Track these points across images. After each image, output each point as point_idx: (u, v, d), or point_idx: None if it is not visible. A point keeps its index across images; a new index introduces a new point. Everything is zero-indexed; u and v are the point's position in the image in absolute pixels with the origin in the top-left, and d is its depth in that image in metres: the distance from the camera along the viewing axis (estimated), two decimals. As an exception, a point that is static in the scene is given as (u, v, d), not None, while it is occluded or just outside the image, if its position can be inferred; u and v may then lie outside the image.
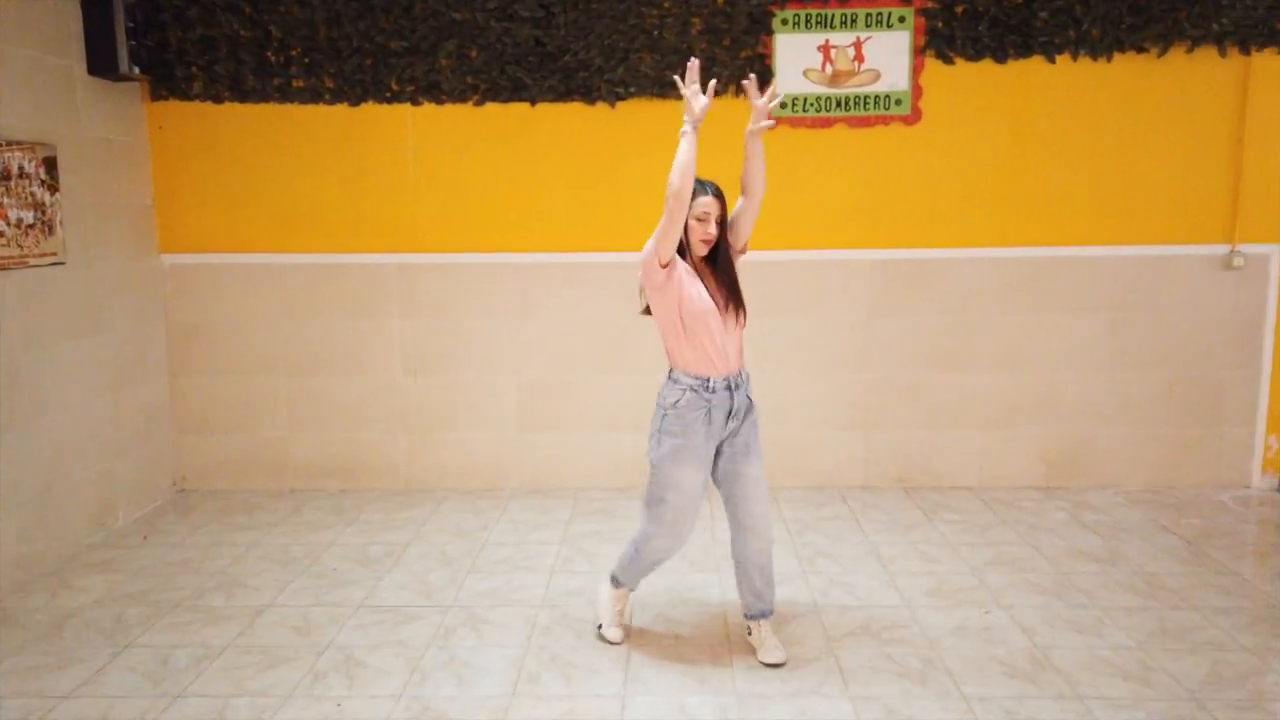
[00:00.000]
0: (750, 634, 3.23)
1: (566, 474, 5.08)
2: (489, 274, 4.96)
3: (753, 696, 2.95)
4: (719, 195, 3.02)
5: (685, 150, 2.86)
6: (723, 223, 3.04)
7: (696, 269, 3.06)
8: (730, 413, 3.06)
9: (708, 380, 3.03)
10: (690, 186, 2.88)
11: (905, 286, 4.92)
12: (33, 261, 3.96)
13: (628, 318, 4.93)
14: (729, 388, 3.05)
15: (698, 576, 3.89)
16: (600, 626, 3.33)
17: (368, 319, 4.99)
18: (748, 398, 3.12)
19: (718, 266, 3.07)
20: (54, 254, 4.09)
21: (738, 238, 3.12)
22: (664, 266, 2.94)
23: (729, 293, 3.04)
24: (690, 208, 2.94)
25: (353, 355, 5.01)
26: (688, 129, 2.88)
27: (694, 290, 2.98)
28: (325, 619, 3.50)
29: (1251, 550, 4.16)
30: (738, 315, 3.06)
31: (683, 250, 3.03)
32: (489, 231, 4.93)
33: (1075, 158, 4.79)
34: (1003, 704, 2.89)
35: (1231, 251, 4.82)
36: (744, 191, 3.08)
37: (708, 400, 3.02)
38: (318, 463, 5.07)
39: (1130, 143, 4.76)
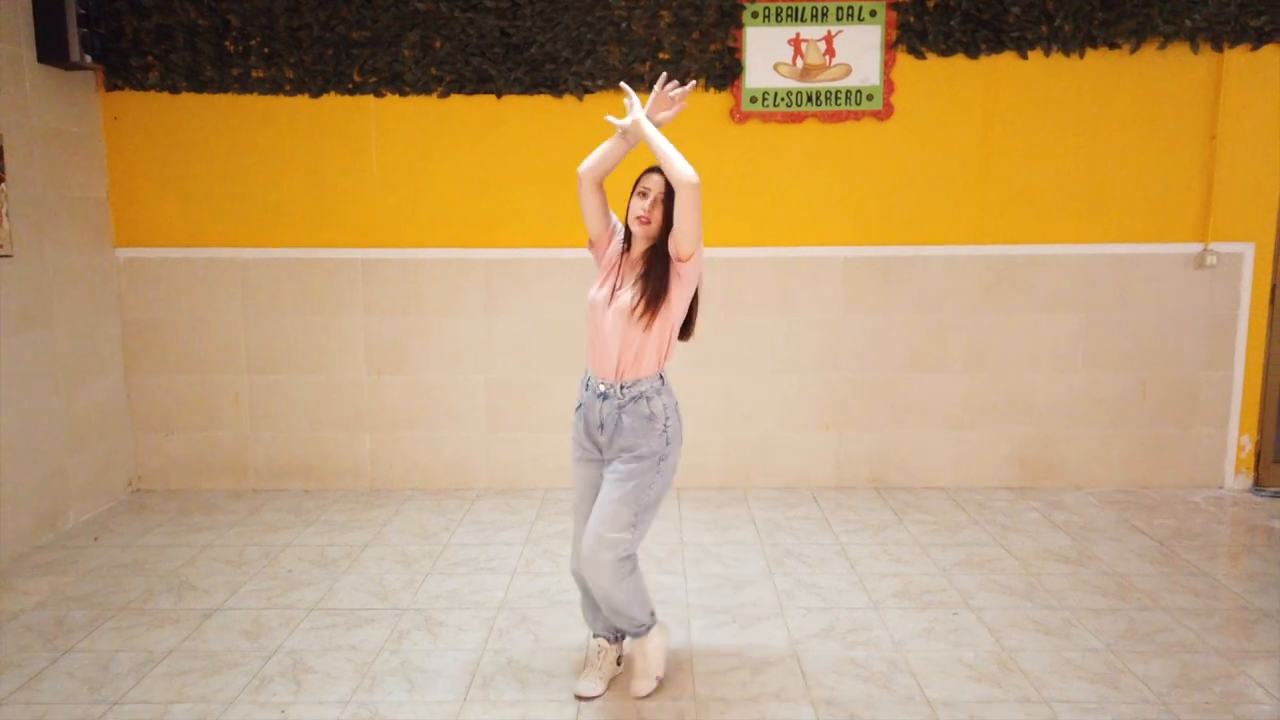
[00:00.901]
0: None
1: (535, 474, 4.99)
2: (456, 270, 4.86)
3: (712, 700, 2.86)
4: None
5: (605, 144, 2.77)
6: (667, 209, 2.68)
7: (629, 263, 2.77)
8: (597, 422, 2.76)
9: (586, 376, 2.83)
10: (585, 179, 2.79)
11: (877, 284, 4.86)
12: (-23, 254, 3.83)
13: (596, 315, 4.86)
14: (600, 395, 2.75)
15: (665, 578, 3.81)
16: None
17: (331, 315, 4.88)
18: (620, 415, 2.71)
19: (647, 261, 2.73)
20: (0, 246, 3.96)
21: (672, 237, 2.66)
22: (591, 246, 2.88)
23: (637, 291, 2.68)
24: (636, 183, 2.75)
25: (316, 352, 4.90)
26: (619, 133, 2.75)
27: (600, 277, 2.82)
28: (276, 622, 3.40)
29: (1223, 551, 4.12)
30: (637, 316, 2.66)
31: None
32: (456, 226, 4.83)
33: (1048, 154, 4.74)
34: (968, 709, 2.82)
35: (1204, 250, 4.78)
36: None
37: (580, 396, 2.84)
38: (279, 462, 4.95)
39: (1103, 140, 4.72)
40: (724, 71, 4.66)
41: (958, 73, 4.68)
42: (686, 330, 2.85)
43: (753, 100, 4.68)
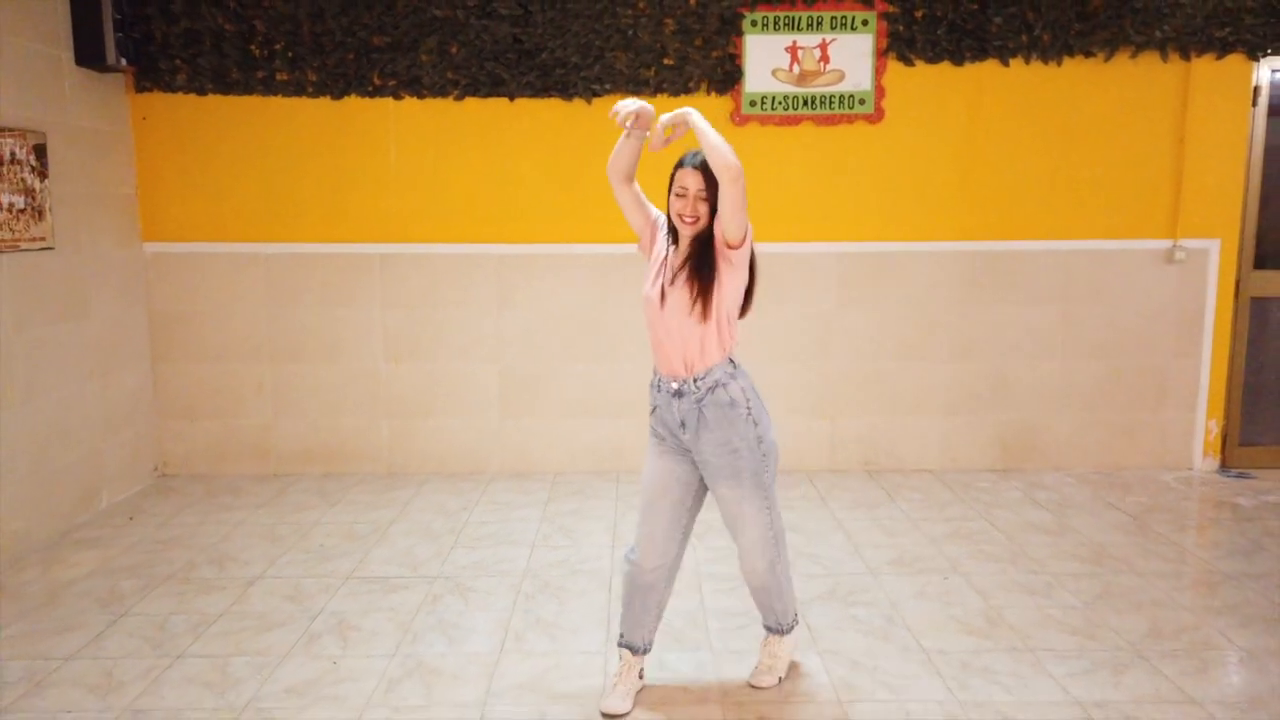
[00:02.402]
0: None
1: (545, 458, 5.24)
2: (469, 264, 5.11)
3: (727, 653, 3.13)
4: (704, 170, 2.60)
5: (618, 143, 2.71)
6: (714, 204, 2.62)
7: (679, 253, 2.70)
8: (679, 422, 2.70)
9: (655, 378, 2.77)
10: (611, 174, 2.73)
11: (869, 278, 5.15)
12: (24, 246, 4.04)
13: (605, 307, 5.13)
14: (675, 393, 2.69)
15: (673, 549, 4.06)
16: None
17: (350, 307, 5.11)
18: (699, 410, 2.66)
19: (693, 253, 2.66)
20: (43, 239, 4.18)
21: (718, 225, 2.63)
22: (639, 244, 2.81)
23: (687, 285, 2.62)
24: (672, 182, 2.66)
25: (335, 343, 5.13)
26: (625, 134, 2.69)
27: (650, 274, 2.74)
28: (316, 589, 3.64)
29: (1192, 524, 4.43)
30: (691, 310, 2.62)
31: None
32: (469, 223, 5.08)
33: (1028, 156, 5.05)
34: (960, 656, 3.10)
35: (1174, 246, 5.10)
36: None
37: (653, 399, 2.77)
38: (301, 448, 5.18)
39: (1079, 142, 5.04)
40: (725, 77, 4.94)
41: (944, 79, 4.98)
42: (744, 308, 2.80)
43: (752, 104, 4.96)
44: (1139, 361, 5.21)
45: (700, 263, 2.63)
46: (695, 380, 2.67)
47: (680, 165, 2.66)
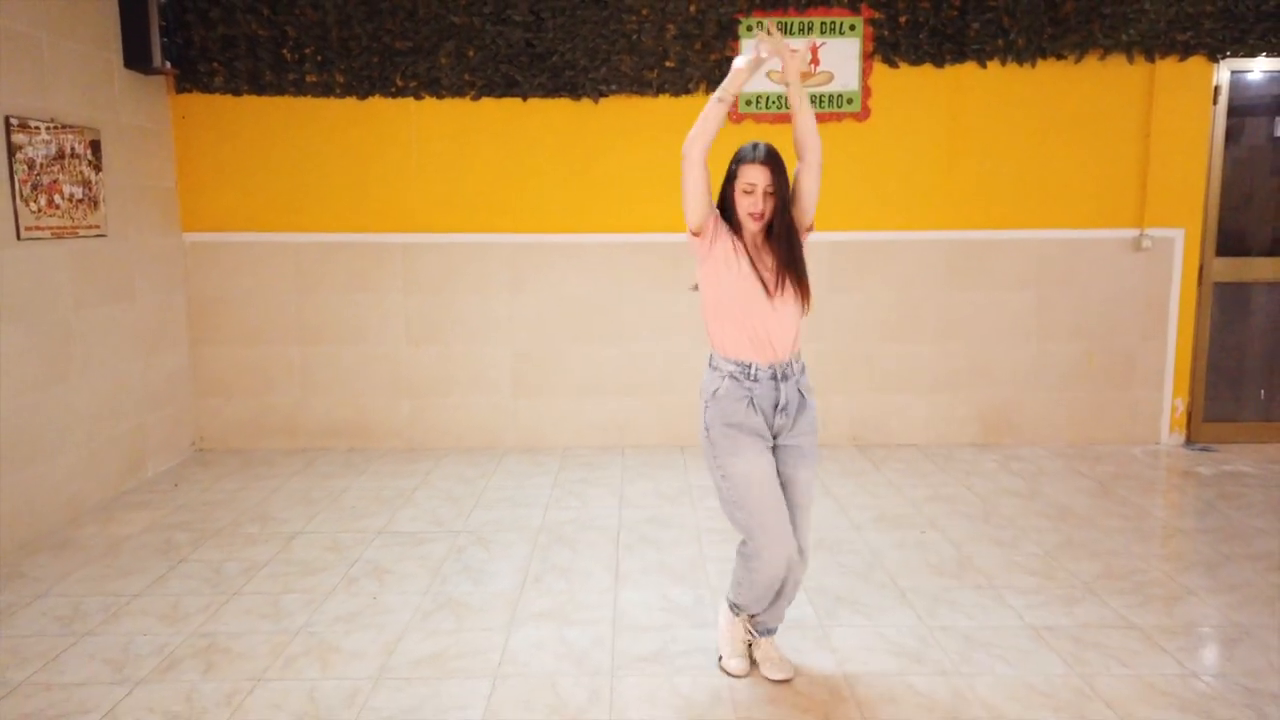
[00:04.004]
0: (752, 648, 2.95)
1: (556, 434, 5.62)
2: (484, 253, 5.49)
3: (720, 591, 3.50)
4: (770, 163, 2.61)
5: (703, 114, 2.63)
6: (780, 195, 2.66)
7: (752, 245, 2.73)
8: (778, 405, 2.71)
9: (749, 366, 2.70)
10: (695, 149, 2.61)
11: (856, 265, 5.53)
12: (81, 232, 4.43)
13: (611, 293, 5.51)
14: (774, 377, 2.70)
15: (670, 509, 4.45)
16: (720, 657, 2.95)
17: (373, 293, 5.49)
18: (799, 392, 2.75)
19: (777, 242, 2.69)
20: (97, 227, 4.56)
21: (801, 211, 2.74)
22: (696, 235, 2.70)
23: (782, 272, 2.67)
24: (736, 177, 2.67)
25: (359, 326, 5.51)
26: (716, 96, 2.65)
27: (737, 267, 2.69)
28: (351, 541, 4.02)
29: (1154, 490, 4.80)
30: (796, 298, 2.70)
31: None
32: (484, 214, 5.46)
33: (1004, 151, 5.43)
34: (931, 592, 3.48)
35: (1140, 235, 5.48)
36: (798, 156, 2.72)
37: (743, 389, 2.70)
38: (328, 424, 5.56)
39: (1052, 138, 5.41)
40: (723, 78, 5.26)
41: (926, 80, 5.37)
42: None
43: (747, 103, 5.34)
44: (1109, 343, 5.58)
45: (795, 256, 2.70)
46: (793, 364, 2.75)
47: (742, 160, 2.64)
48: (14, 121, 3.96)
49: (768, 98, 5.34)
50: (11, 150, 3.94)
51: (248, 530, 4.15)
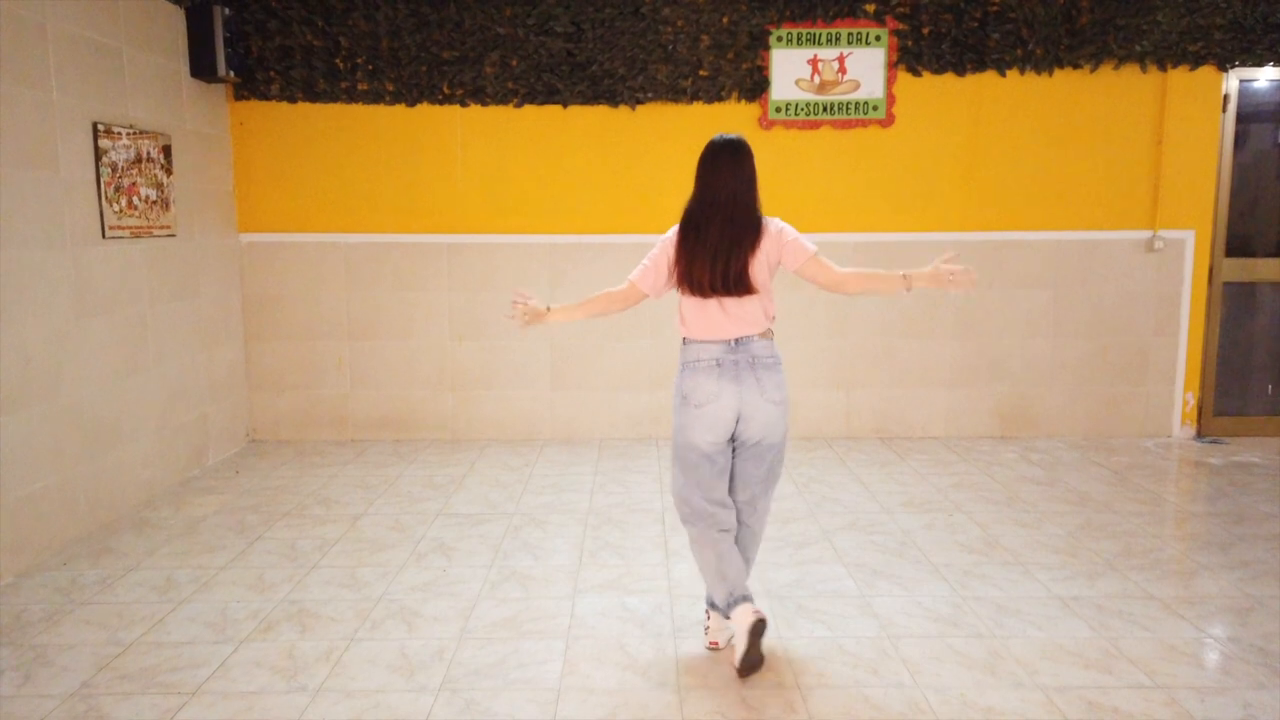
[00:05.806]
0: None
1: (592, 426, 5.87)
2: (525, 252, 5.75)
3: (766, 564, 3.76)
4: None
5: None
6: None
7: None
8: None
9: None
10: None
11: (881, 265, 5.75)
12: (155, 232, 4.69)
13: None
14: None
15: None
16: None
17: (419, 291, 5.76)
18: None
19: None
20: (168, 227, 4.83)
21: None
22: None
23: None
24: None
25: (406, 323, 5.77)
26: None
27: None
28: (413, 521, 4.27)
29: (1167, 478, 5.05)
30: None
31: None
32: (525, 215, 5.72)
33: (1022, 156, 5.68)
34: (962, 567, 3.72)
35: (1153, 236, 5.73)
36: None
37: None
38: (375, 416, 5.82)
39: (1068, 144, 5.67)
40: (754, 86, 5.58)
41: (948, 88, 5.63)
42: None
43: (777, 110, 5.61)
44: (1122, 340, 5.82)
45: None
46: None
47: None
48: (100, 127, 4.23)
49: (796, 105, 5.60)
50: (98, 154, 4.21)
51: (314, 512, 4.41)
